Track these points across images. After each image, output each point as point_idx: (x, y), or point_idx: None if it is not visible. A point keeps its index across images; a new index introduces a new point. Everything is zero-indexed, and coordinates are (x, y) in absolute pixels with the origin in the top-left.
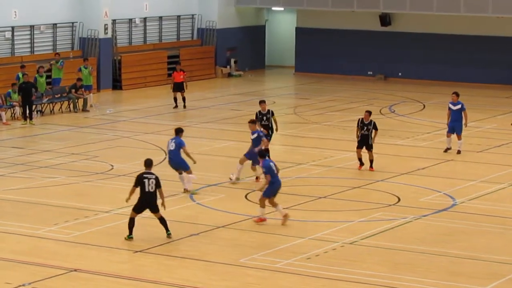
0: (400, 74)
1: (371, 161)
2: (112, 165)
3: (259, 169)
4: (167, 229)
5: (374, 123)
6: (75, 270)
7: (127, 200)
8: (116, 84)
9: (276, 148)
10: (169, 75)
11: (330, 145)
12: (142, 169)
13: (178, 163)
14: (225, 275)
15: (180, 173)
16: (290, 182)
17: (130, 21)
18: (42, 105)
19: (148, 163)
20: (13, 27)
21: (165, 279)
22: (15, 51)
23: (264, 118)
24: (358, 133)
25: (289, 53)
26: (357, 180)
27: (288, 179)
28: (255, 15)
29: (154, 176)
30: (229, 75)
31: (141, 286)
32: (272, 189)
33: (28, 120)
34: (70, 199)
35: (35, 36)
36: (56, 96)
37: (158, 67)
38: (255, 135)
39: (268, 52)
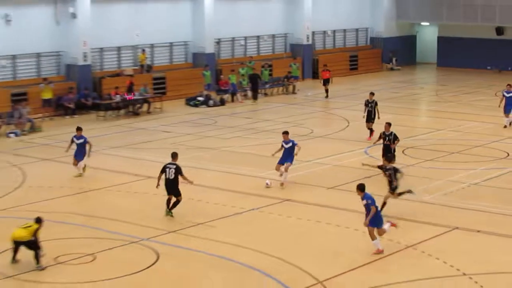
0: (509, 68)
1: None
2: (312, 130)
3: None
4: (171, 208)
5: (395, 134)
6: (287, 200)
7: (157, 186)
8: (315, 75)
9: (422, 119)
10: (351, 69)
11: (461, 117)
12: (332, 132)
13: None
14: None
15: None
16: (432, 142)
17: (324, 32)
18: (266, 89)
19: (173, 155)
20: (246, 38)
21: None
22: (247, 52)
23: (369, 105)
24: (378, 141)
25: (432, 53)
26: (479, 141)
27: (431, 140)
28: (409, 27)
29: (174, 166)
30: (391, 69)
31: None
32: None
33: (254, 100)
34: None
35: (260, 43)
36: (275, 83)
37: (343, 64)
38: (289, 144)
39: (418, 53)
